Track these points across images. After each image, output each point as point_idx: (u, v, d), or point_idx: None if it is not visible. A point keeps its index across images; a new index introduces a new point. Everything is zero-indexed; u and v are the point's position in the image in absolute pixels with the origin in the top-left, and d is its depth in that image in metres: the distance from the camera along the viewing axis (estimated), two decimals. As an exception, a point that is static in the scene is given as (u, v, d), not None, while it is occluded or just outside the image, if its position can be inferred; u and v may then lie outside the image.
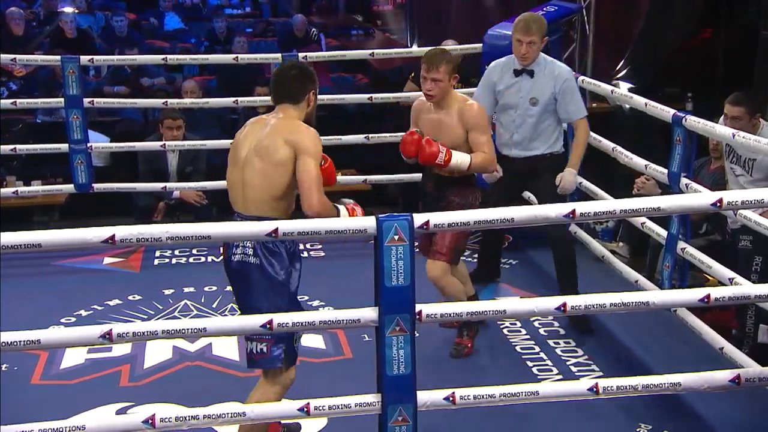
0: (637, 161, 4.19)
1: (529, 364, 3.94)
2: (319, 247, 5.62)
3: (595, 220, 2.66)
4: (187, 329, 2.52)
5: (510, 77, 4.27)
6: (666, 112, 3.87)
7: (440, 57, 3.73)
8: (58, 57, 5.33)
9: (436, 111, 3.81)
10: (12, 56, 5.76)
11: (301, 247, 5.57)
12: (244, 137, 3.06)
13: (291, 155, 2.91)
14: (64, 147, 5.34)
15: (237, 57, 5.82)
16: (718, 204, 2.44)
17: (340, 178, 5.52)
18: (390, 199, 6.38)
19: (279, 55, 5.71)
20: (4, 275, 5.12)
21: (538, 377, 3.80)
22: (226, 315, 4.53)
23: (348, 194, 5.98)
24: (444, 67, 3.69)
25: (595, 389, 2.59)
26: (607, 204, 2.52)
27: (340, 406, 2.59)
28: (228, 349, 4.07)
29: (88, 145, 5.36)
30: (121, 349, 4.01)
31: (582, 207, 2.46)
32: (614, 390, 2.60)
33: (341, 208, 3.07)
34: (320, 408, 2.58)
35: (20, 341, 2.33)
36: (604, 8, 6.38)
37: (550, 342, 4.15)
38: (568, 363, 3.93)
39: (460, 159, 3.69)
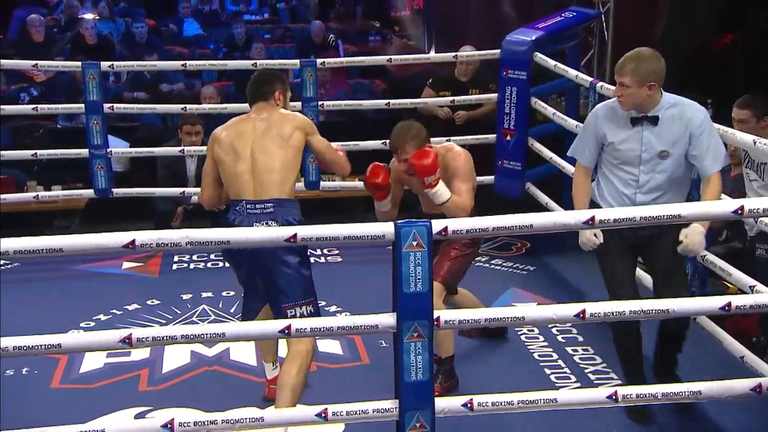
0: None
1: (547, 371, 3.92)
2: (336, 252, 5.63)
3: (615, 227, 2.64)
4: (206, 334, 2.53)
5: (625, 126, 3.34)
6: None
7: (403, 139, 3.55)
8: (79, 63, 5.38)
9: None
10: (33, 62, 5.82)
11: (319, 252, 5.61)
12: (238, 133, 3.33)
13: (303, 138, 3.32)
14: (84, 152, 5.38)
15: (255, 63, 5.85)
16: (740, 211, 2.43)
17: (356, 183, 5.54)
18: (406, 206, 6.37)
19: (297, 61, 5.75)
20: (25, 279, 5.18)
21: (556, 384, 3.78)
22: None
23: (364, 200, 6.04)
24: (410, 146, 3.54)
25: (614, 397, 2.57)
26: (626, 211, 2.51)
27: (357, 412, 2.59)
28: (246, 354, 4.08)
29: (108, 150, 5.41)
30: (139, 354, 4.03)
31: (601, 214, 2.45)
32: (634, 398, 2.58)
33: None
34: (338, 414, 2.58)
35: (41, 345, 2.34)
36: (622, 14, 6.35)
37: (568, 349, 4.13)
38: (586, 371, 3.91)
39: (444, 190, 3.55)
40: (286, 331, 2.54)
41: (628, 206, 3.19)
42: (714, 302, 2.59)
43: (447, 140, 5.02)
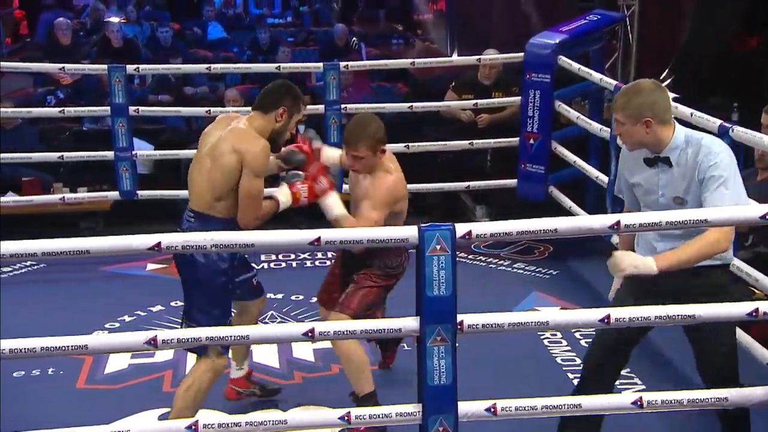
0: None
1: (570, 375, 3.90)
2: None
3: (640, 231, 2.62)
4: (231, 336, 2.54)
5: (642, 167, 2.90)
6: (712, 122, 3.82)
7: (357, 137, 3.30)
8: (105, 66, 5.43)
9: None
10: (60, 65, 5.89)
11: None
12: (206, 133, 3.25)
13: (237, 164, 3.06)
14: (109, 154, 5.43)
15: (279, 66, 5.87)
16: (767, 216, 2.40)
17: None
18: (428, 208, 6.38)
19: (321, 65, 5.76)
20: (50, 280, 5.23)
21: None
22: (267, 323, 4.56)
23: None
24: (363, 145, 3.31)
25: (639, 403, 2.55)
26: (652, 215, 2.49)
27: (380, 416, 2.59)
28: (268, 356, 4.09)
29: (133, 152, 5.45)
30: (163, 355, 4.05)
31: (627, 218, 2.44)
32: (659, 404, 2.56)
33: (281, 197, 3.20)
34: (361, 417, 2.59)
35: (68, 346, 2.37)
36: (647, 17, 6.33)
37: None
38: (610, 375, 3.88)
39: (334, 204, 3.28)
40: (310, 334, 2.55)
41: (650, 255, 2.73)
42: (741, 308, 2.56)
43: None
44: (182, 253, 3.01)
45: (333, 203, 3.29)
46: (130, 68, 5.45)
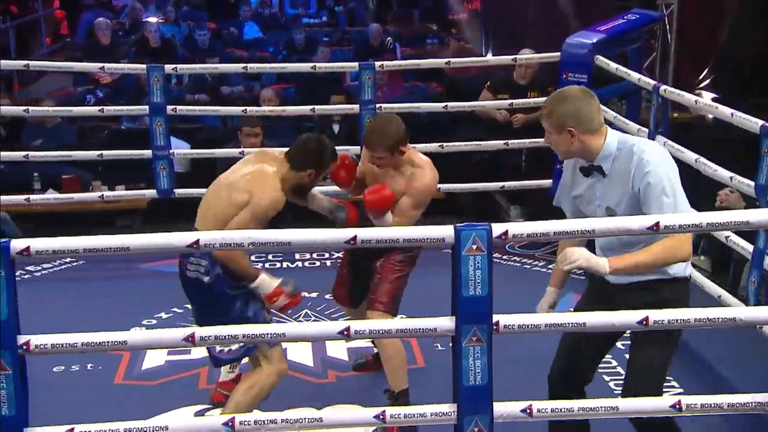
0: (722, 173, 4.08)
1: (606, 378, 3.86)
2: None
3: (680, 232, 2.59)
4: (267, 334, 2.55)
5: (580, 177, 2.81)
6: (753, 122, 3.76)
7: (378, 140, 3.39)
8: (144, 66, 5.49)
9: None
10: (100, 65, 5.97)
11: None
12: (244, 161, 3.31)
13: (244, 204, 3.12)
14: (147, 153, 5.49)
15: (315, 66, 5.90)
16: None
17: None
18: (463, 209, 6.36)
19: (356, 64, 5.77)
20: (88, 277, 5.31)
21: (615, 392, 3.72)
22: (301, 321, 4.59)
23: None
24: (383, 149, 3.40)
25: (678, 406, 2.52)
26: (692, 217, 2.46)
27: (415, 415, 2.59)
28: (303, 354, 4.11)
29: (171, 151, 5.51)
30: (199, 352, 4.08)
31: (666, 219, 2.40)
32: (698, 408, 2.52)
33: (264, 278, 3.19)
34: (396, 416, 2.58)
35: (108, 342, 2.40)
36: (686, 17, 6.25)
37: (628, 356, 4.05)
38: (646, 378, 3.84)
39: (389, 219, 3.41)
40: (346, 333, 2.55)
41: None
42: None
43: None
44: (192, 277, 3.16)
45: (388, 219, 3.39)
46: (168, 68, 5.51)
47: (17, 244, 2.28)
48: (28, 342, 2.34)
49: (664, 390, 3.69)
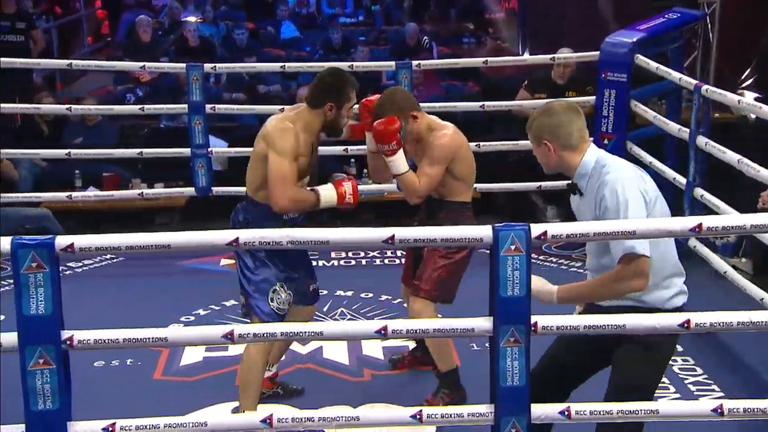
0: (765, 174, 4.01)
1: (645, 381, 3.82)
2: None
3: (722, 234, 2.55)
4: (305, 332, 2.57)
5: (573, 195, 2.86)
6: (798, 123, 3.69)
7: (383, 110, 3.42)
8: (183, 65, 5.54)
9: None
10: (140, 63, 6.05)
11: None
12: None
13: (265, 149, 3.24)
14: (186, 151, 5.55)
15: (352, 65, 5.90)
16: None
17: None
18: (499, 208, 6.34)
19: (393, 63, 5.77)
20: (129, 273, 5.38)
21: (655, 394, 3.68)
22: (337, 319, 4.60)
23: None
24: (390, 114, 3.41)
25: (719, 410, 2.48)
26: (736, 218, 2.43)
27: (452, 415, 2.58)
28: (338, 352, 4.13)
29: (209, 149, 5.56)
30: (236, 349, 4.11)
31: (709, 221, 2.37)
32: (740, 412, 2.48)
33: (323, 191, 3.31)
34: (432, 416, 2.58)
35: (149, 338, 2.43)
36: (728, 15, 6.15)
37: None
38: (686, 381, 3.80)
39: (399, 162, 3.38)
40: (383, 332, 2.56)
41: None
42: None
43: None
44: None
45: (398, 162, 3.39)
46: (207, 67, 5.55)
47: (61, 241, 2.32)
48: (72, 337, 2.37)
49: (704, 393, 3.66)
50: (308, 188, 3.36)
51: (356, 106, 3.53)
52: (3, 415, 2.54)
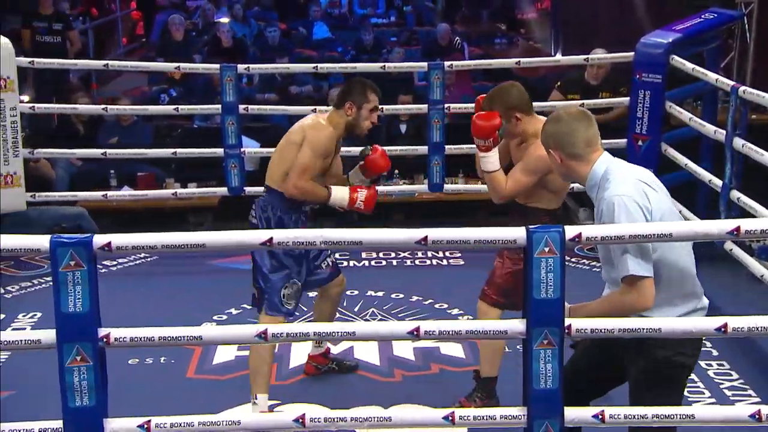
0: (803, 176, 3.95)
1: (680, 385, 3.77)
2: (459, 255, 5.62)
3: (761, 238, 2.52)
4: (338, 332, 2.58)
5: None
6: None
7: (490, 101, 3.40)
8: (217, 65, 5.58)
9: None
10: (175, 64, 6.10)
11: (441, 254, 5.62)
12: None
13: (301, 140, 3.50)
14: (219, 151, 5.58)
15: (384, 66, 5.91)
16: None
17: (479, 186, 5.52)
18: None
19: (425, 64, 5.76)
20: (164, 272, 5.43)
21: (689, 399, 3.64)
22: (368, 320, 4.61)
23: (486, 203, 5.99)
24: (494, 110, 3.36)
25: (757, 416, 2.45)
26: (773, 222, 2.39)
27: (485, 417, 2.57)
28: (369, 352, 4.13)
29: (242, 149, 5.59)
30: (268, 348, 4.14)
31: (748, 224, 2.34)
32: (778, 419, 2.45)
33: (336, 190, 3.57)
34: (465, 418, 2.57)
35: (184, 336, 2.45)
36: (766, 15, 6.06)
37: (702, 363, 3.96)
38: (721, 386, 3.75)
39: (492, 160, 3.34)
40: (415, 333, 2.56)
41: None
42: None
43: None
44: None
45: (489, 160, 3.35)
46: (241, 68, 5.58)
47: (99, 239, 2.35)
48: (108, 335, 2.40)
49: (740, 399, 3.61)
50: (325, 186, 3.59)
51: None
52: (42, 412, 2.58)
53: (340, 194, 3.58)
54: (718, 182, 4.73)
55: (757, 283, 4.40)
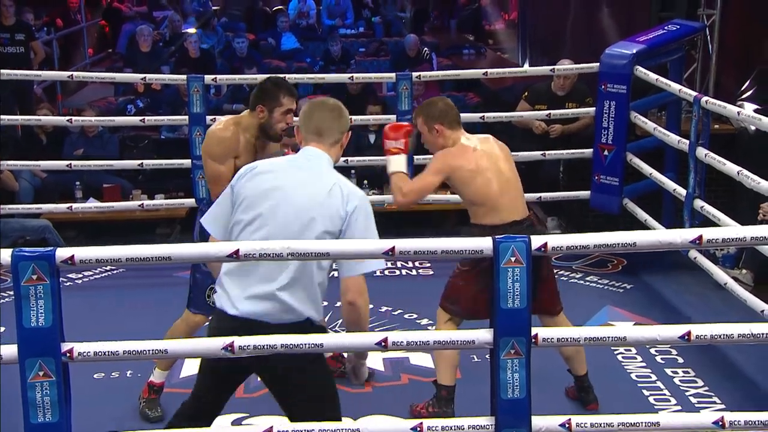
0: (765, 186, 4.01)
1: (646, 392, 3.81)
2: (428, 265, 5.63)
3: (723, 246, 2.56)
4: (304, 344, 2.56)
5: None
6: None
7: (417, 112, 3.60)
8: (184, 76, 5.55)
9: None
10: (141, 75, 6.06)
11: (411, 264, 5.63)
12: None
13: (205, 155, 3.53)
14: (186, 162, 5.55)
15: (352, 77, 5.92)
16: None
17: (448, 196, 5.54)
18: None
19: (393, 75, 5.78)
20: (130, 285, 5.37)
21: (655, 407, 3.68)
22: (337, 331, 4.59)
23: (456, 213, 6.01)
24: (417, 119, 3.57)
25: (720, 423, 2.48)
26: (736, 230, 2.43)
27: (453, 428, 2.58)
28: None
29: (209, 161, 5.55)
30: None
31: (710, 233, 2.37)
32: (742, 425, 2.48)
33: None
34: (433, 428, 2.57)
35: (149, 350, 2.43)
36: (727, 27, 6.16)
37: (668, 371, 4.01)
38: (687, 393, 3.79)
39: (395, 163, 3.53)
40: (383, 344, 2.55)
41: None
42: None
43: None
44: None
45: (396, 161, 3.52)
46: (208, 78, 5.56)
47: (62, 253, 2.32)
48: (72, 349, 2.37)
49: (705, 406, 3.65)
50: None
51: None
52: (2, 429, 2.53)
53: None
54: (682, 191, 4.79)
55: (721, 290, 4.46)
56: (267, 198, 2.63)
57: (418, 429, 2.57)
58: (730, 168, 4.34)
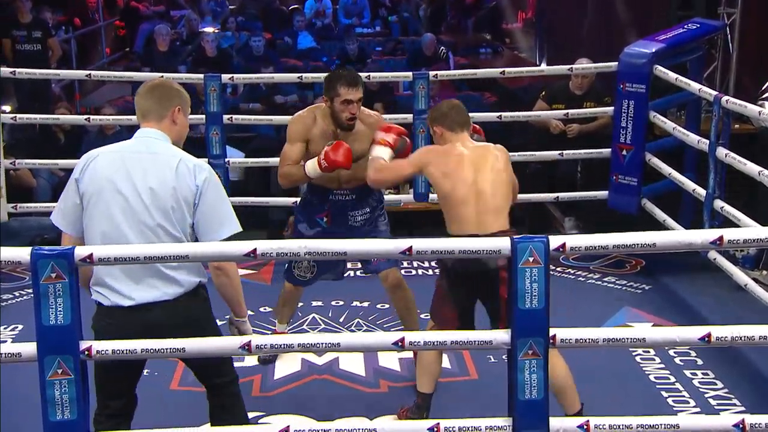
0: (786, 186, 3.98)
1: (664, 394, 3.78)
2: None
3: (744, 247, 2.54)
4: (322, 343, 2.56)
5: None
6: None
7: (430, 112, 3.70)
8: (201, 75, 5.56)
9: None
10: (159, 74, 6.06)
11: (426, 264, 5.61)
12: None
13: None
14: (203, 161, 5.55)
15: (369, 75, 5.90)
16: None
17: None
18: (516, 220, 6.30)
19: (410, 74, 5.76)
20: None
21: (674, 408, 3.64)
22: (353, 330, 4.59)
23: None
24: (429, 119, 3.65)
25: (741, 426, 2.45)
26: (757, 231, 2.41)
27: (470, 428, 2.57)
28: (355, 364, 4.11)
29: (226, 159, 5.57)
30: (252, 360, 4.12)
31: (731, 234, 2.35)
32: (763, 428, 2.45)
33: (308, 163, 3.73)
34: (450, 429, 2.56)
35: (167, 348, 2.43)
36: (749, 25, 6.10)
37: (687, 372, 3.97)
38: (706, 396, 3.75)
39: (382, 152, 3.61)
40: (400, 344, 2.55)
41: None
42: None
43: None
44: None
45: (380, 149, 3.58)
46: (225, 77, 5.57)
47: (80, 251, 2.33)
48: (90, 347, 2.38)
49: (725, 408, 3.62)
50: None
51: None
52: (2, 429, 2.54)
53: (311, 165, 3.70)
54: (701, 192, 4.75)
55: (741, 292, 4.42)
56: (111, 184, 2.62)
57: (435, 430, 2.56)
58: (751, 168, 4.29)
